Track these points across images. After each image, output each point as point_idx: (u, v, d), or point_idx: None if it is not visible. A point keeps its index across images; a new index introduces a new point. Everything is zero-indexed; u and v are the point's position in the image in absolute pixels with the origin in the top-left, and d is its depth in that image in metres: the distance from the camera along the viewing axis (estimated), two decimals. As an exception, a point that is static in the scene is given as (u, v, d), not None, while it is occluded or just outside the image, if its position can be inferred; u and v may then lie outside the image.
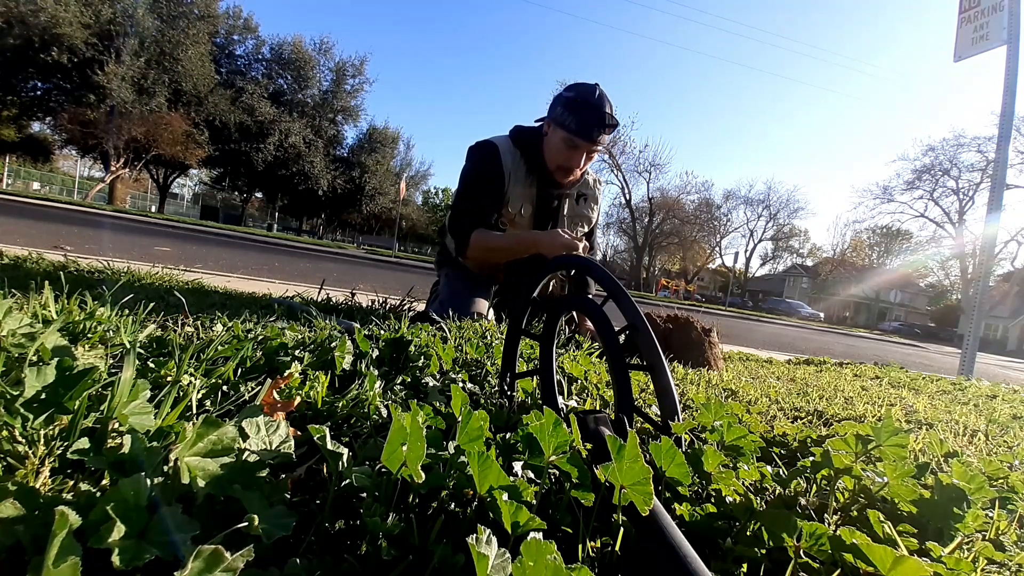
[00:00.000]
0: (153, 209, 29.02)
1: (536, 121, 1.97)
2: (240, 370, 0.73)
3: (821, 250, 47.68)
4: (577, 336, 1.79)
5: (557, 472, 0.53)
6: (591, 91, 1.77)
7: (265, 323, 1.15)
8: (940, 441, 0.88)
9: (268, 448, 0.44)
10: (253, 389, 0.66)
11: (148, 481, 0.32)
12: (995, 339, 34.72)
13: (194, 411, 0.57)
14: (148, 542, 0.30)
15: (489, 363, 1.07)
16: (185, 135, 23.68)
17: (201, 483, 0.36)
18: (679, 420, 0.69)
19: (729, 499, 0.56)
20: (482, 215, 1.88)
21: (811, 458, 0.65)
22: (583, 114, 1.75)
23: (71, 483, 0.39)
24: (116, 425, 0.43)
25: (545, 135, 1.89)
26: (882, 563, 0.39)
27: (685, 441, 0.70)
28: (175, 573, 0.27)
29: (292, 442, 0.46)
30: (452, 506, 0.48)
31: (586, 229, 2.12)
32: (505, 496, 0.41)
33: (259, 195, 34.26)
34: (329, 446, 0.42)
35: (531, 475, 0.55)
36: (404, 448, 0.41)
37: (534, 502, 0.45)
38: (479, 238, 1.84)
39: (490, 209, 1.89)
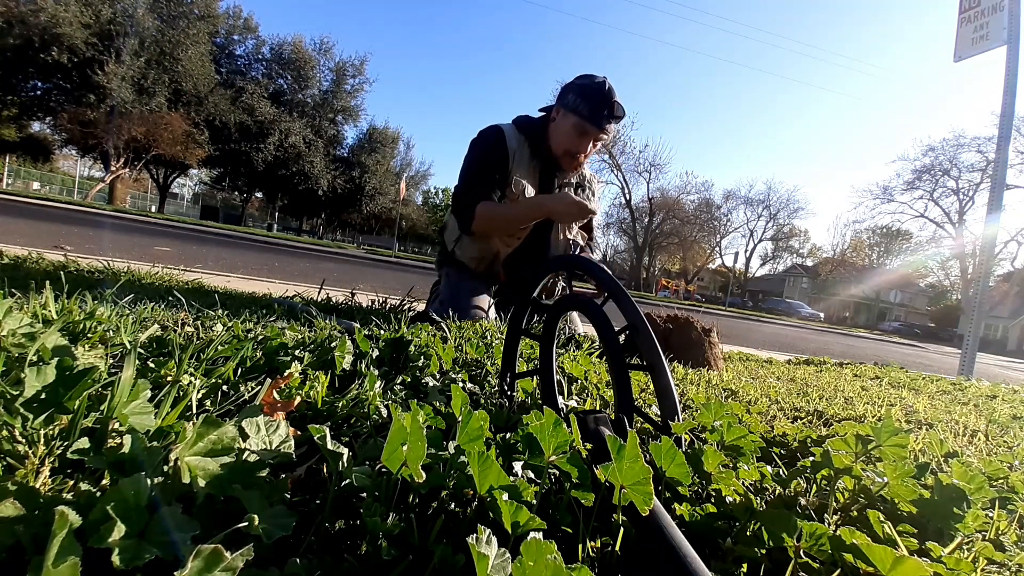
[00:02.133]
0: (153, 209, 29.01)
1: (540, 110, 2.01)
2: (240, 370, 0.73)
3: (821, 250, 47.67)
4: (576, 336, 1.79)
5: (557, 472, 0.53)
6: (602, 82, 1.84)
7: (265, 323, 1.15)
8: (940, 441, 0.88)
9: (268, 448, 0.44)
10: (253, 389, 0.66)
11: (148, 481, 0.32)
12: (995, 339, 34.69)
13: (194, 411, 0.57)
14: (148, 542, 0.30)
15: (489, 363, 1.07)
16: (185, 135, 23.65)
17: (201, 483, 0.36)
18: (679, 420, 0.69)
19: (729, 499, 0.56)
20: (486, 191, 1.89)
21: (811, 458, 0.65)
22: (595, 102, 1.81)
23: (71, 483, 0.39)
24: (116, 425, 0.43)
25: (553, 120, 1.93)
26: (882, 563, 0.39)
27: (685, 441, 0.70)
28: (175, 573, 0.27)
29: (292, 442, 0.46)
30: (452, 506, 0.48)
31: (584, 220, 2.12)
32: (505, 496, 0.41)
33: (259, 195, 34.22)
34: (329, 446, 0.42)
35: (531, 475, 0.55)
36: (404, 448, 0.41)
37: (534, 502, 0.45)
38: (485, 209, 1.85)
39: (494, 186, 1.91)
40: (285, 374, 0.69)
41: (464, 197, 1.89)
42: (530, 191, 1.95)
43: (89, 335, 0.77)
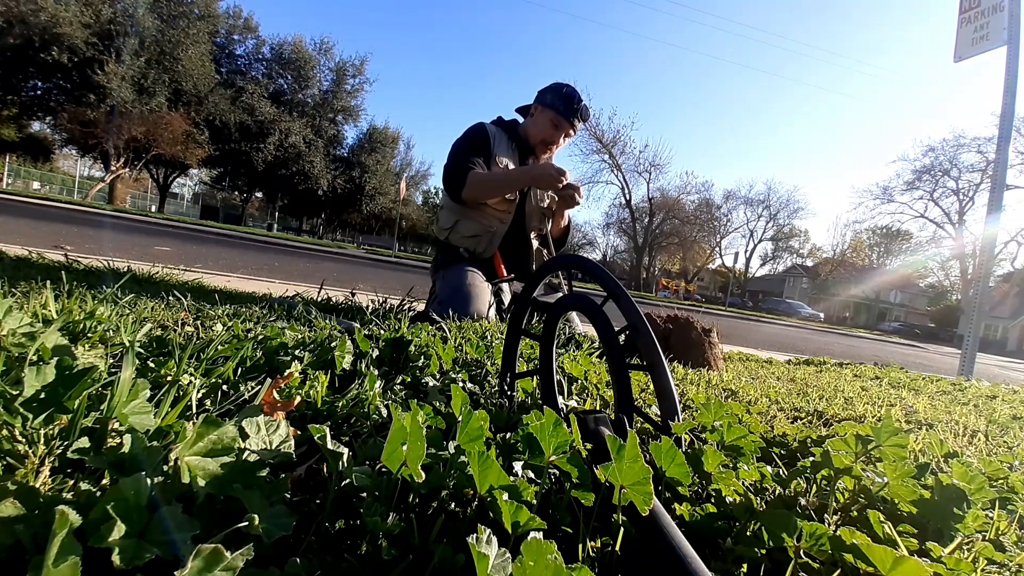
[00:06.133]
0: (153, 209, 28.99)
1: (516, 110, 2.37)
2: (240, 370, 0.73)
3: (821, 250, 47.56)
4: (576, 336, 1.79)
5: (557, 472, 0.53)
6: (574, 88, 2.23)
7: (265, 323, 1.15)
8: (940, 441, 0.88)
9: (268, 448, 0.44)
10: (253, 389, 0.66)
11: (148, 480, 0.32)
12: (995, 340, 34.66)
13: (194, 411, 0.57)
14: (148, 541, 0.30)
15: (489, 363, 1.07)
16: (185, 135, 23.62)
17: (201, 482, 0.36)
18: (679, 420, 0.69)
19: (729, 499, 0.56)
20: (474, 165, 2.11)
21: (811, 458, 0.65)
22: (569, 103, 2.18)
23: (71, 482, 0.39)
24: (116, 424, 0.43)
25: (531, 116, 2.27)
26: (882, 563, 0.39)
27: (685, 441, 0.70)
28: (175, 572, 0.27)
29: (292, 442, 0.46)
30: (452, 506, 0.48)
31: (559, 186, 2.20)
32: (505, 496, 0.41)
33: (259, 195, 34.18)
34: (329, 446, 0.42)
35: (531, 475, 0.55)
36: (404, 448, 0.41)
37: (534, 502, 0.45)
38: (475, 176, 2.06)
39: (479, 164, 2.14)
40: (285, 374, 0.69)
41: (454, 170, 2.10)
42: (511, 167, 2.24)
43: (89, 335, 0.77)
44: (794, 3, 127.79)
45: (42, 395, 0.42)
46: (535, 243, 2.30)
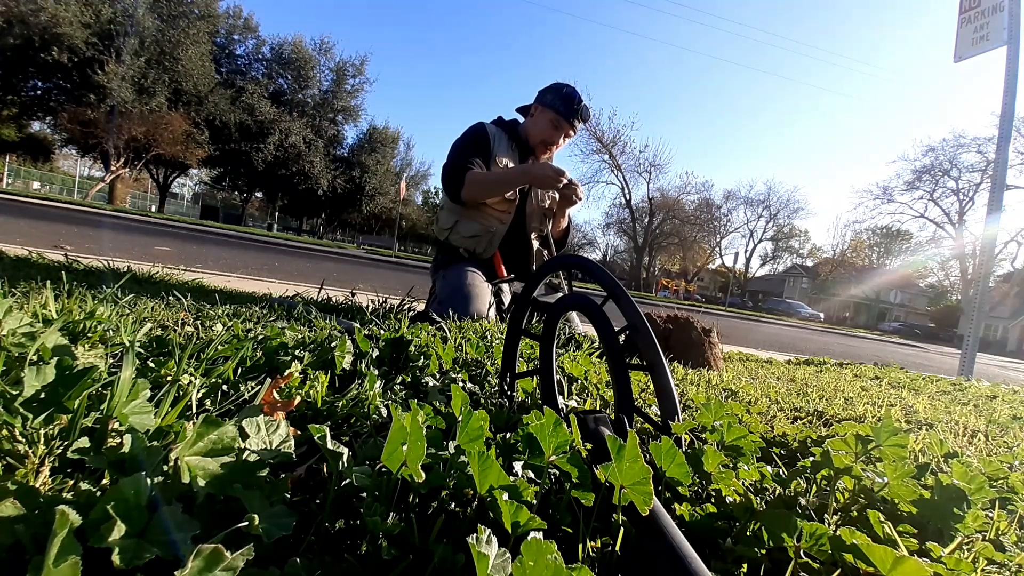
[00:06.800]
0: (153, 209, 29.00)
1: (517, 109, 2.37)
2: (240, 370, 0.73)
3: (821, 250, 47.55)
4: (576, 336, 1.79)
5: (557, 472, 0.53)
6: (574, 88, 2.22)
7: (265, 323, 1.15)
8: (940, 441, 0.88)
9: (268, 448, 0.44)
10: (253, 389, 0.66)
11: (148, 480, 0.32)
12: (995, 340, 34.65)
13: (194, 410, 0.57)
14: (148, 541, 0.30)
15: (489, 363, 1.07)
16: (185, 135, 23.63)
17: (201, 482, 0.36)
18: (679, 420, 0.69)
19: (729, 499, 0.56)
20: (473, 165, 2.11)
21: (811, 458, 0.65)
22: (569, 103, 2.18)
23: (71, 482, 0.39)
24: (116, 424, 0.43)
25: (531, 116, 2.26)
26: (882, 563, 0.39)
27: (685, 441, 0.70)
28: (175, 572, 0.27)
29: (292, 442, 0.46)
30: (452, 506, 0.48)
31: (559, 186, 2.18)
32: (505, 496, 0.41)
33: (259, 195, 34.20)
34: (329, 446, 0.42)
35: (531, 475, 0.55)
36: (404, 448, 0.41)
37: (534, 502, 0.45)
38: (474, 175, 2.06)
39: (478, 164, 2.14)
40: (285, 374, 0.69)
41: (453, 170, 2.09)
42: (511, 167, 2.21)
43: (89, 335, 0.77)
44: (794, 3, 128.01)
45: (42, 395, 0.42)
46: (535, 243, 2.30)
